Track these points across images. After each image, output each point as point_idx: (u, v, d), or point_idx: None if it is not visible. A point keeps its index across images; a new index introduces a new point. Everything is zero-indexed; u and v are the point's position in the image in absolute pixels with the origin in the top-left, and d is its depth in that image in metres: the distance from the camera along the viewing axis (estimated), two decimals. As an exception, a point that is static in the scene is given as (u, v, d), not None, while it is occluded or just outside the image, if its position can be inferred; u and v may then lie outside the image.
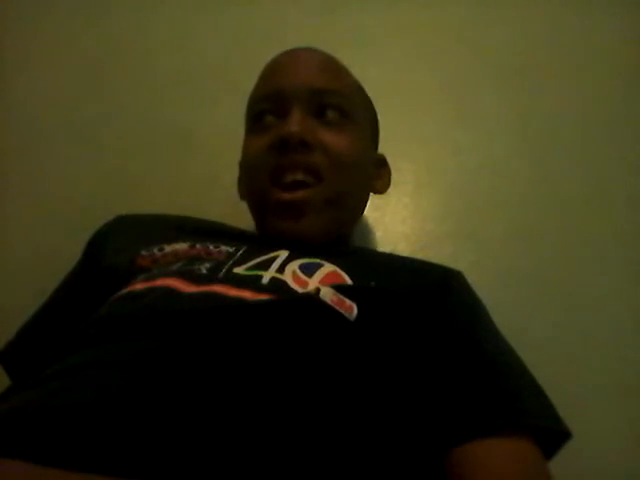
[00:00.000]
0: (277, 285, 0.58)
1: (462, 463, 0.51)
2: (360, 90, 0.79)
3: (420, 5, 1.08)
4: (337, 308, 0.53)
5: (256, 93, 0.74)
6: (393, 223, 0.94)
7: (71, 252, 0.75)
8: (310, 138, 0.66)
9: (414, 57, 1.06)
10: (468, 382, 0.55)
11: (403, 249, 0.91)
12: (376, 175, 0.79)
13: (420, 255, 0.76)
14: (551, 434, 0.54)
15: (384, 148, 0.86)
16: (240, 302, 0.54)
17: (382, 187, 0.81)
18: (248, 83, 0.76)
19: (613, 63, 1.02)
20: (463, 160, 0.98)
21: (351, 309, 0.54)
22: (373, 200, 0.94)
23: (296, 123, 0.66)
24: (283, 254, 0.63)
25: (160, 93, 1.04)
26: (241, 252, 0.65)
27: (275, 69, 0.73)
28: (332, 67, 0.74)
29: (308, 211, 0.66)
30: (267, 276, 0.59)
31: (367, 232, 0.94)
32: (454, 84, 1.03)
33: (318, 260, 0.62)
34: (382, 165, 0.82)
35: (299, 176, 0.66)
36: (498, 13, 1.07)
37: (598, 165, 0.95)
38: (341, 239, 0.74)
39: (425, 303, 0.60)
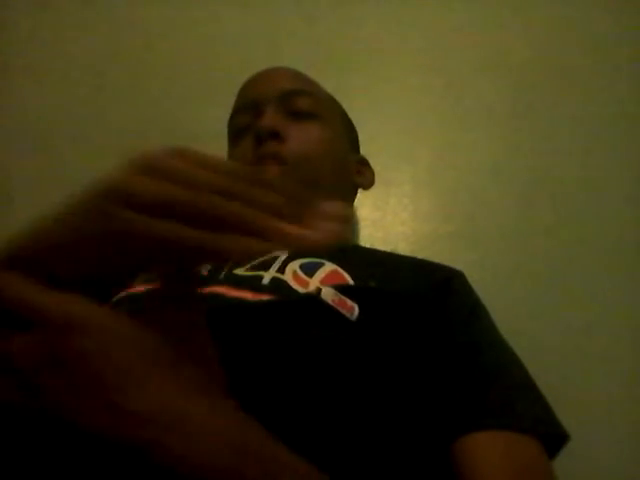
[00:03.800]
0: (278, 285, 0.58)
1: (461, 459, 0.51)
2: (332, 99, 0.82)
3: (420, 6, 1.08)
4: (338, 309, 0.53)
5: (234, 107, 0.79)
6: (393, 223, 0.94)
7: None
8: (281, 129, 0.70)
9: (414, 57, 1.06)
10: (467, 383, 0.55)
11: (403, 249, 0.91)
12: (356, 171, 0.82)
13: (420, 255, 0.76)
14: (548, 436, 0.53)
15: (385, 148, 0.87)
16: (241, 303, 0.55)
17: (364, 182, 0.84)
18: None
19: (614, 63, 1.02)
20: (463, 160, 0.98)
21: (352, 309, 0.54)
22: (373, 200, 0.95)
23: (267, 118, 0.70)
24: (283, 253, 0.63)
25: (160, 93, 1.04)
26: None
27: (248, 84, 0.79)
28: (301, 76, 0.79)
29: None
30: (267, 276, 0.59)
31: (367, 232, 0.94)
32: (454, 84, 1.03)
33: (319, 259, 0.62)
34: (363, 164, 0.85)
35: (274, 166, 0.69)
36: (498, 13, 1.07)
37: (598, 165, 0.95)
38: None
39: (426, 303, 0.60)
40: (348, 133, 0.82)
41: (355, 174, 0.82)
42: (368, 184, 0.84)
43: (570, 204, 0.93)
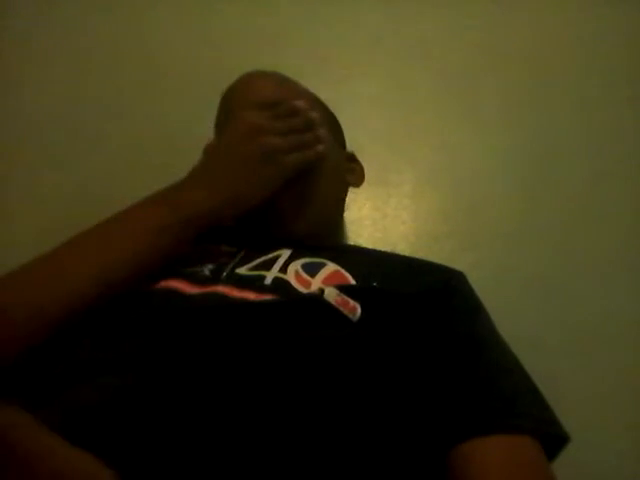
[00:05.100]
0: (280, 285, 0.58)
1: (461, 462, 0.51)
2: (316, 101, 0.80)
3: (420, 4, 1.08)
4: (341, 309, 0.53)
5: (218, 117, 0.78)
6: (393, 224, 0.94)
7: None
8: None
9: (414, 57, 1.06)
10: (467, 384, 0.55)
11: (403, 249, 0.91)
12: (347, 169, 0.81)
13: (420, 255, 0.76)
14: (549, 438, 0.53)
15: (385, 148, 0.86)
16: (244, 303, 0.55)
17: (356, 180, 0.83)
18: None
19: (614, 60, 1.02)
20: (463, 160, 0.98)
21: (354, 310, 0.54)
22: (373, 201, 0.95)
23: None
24: (285, 253, 0.64)
25: (162, 94, 1.04)
26: (243, 252, 0.65)
27: (228, 96, 0.77)
28: (279, 80, 0.77)
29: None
30: (270, 276, 0.60)
31: (367, 232, 0.94)
32: (454, 84, 1.03)
33: (321, 259, 0.62)
34: (352, 161, 0.84)
35: None
36: (499, 12, 1.07)
37: (599, 165, 0.96)
38: (325, 230, 0.75)
39: (427, 304, 0.60)
40: (335, 133, 0.80)
41: (346, 173, 0.81)
42: (360, 181, 0.83)
43: (570, 204, 0.94)
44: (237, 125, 0.66)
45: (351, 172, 0.82)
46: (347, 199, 0.84)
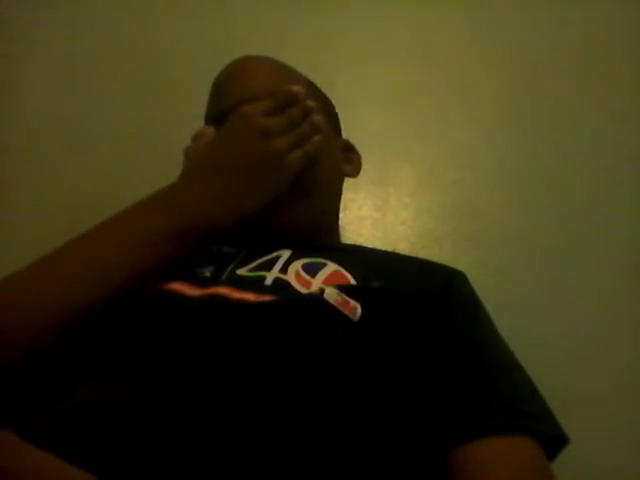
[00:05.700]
0: (280, 286, 0.58)
1: (461, 464, 0.51)
2: (310, 85, 0.77)
3: (422, 4, 1.08)
4: (341, 309, 0.53)
5: (207, 113, 0.76)
6: (393, 223, 0.94)
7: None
8: None
9: (415, 56, 1.06)
10: (467, 385, 0.55)
11: (403, 249, 0.91)
12: (344, 159, 0.79)
13: (420, 255, 0.76)
14: (548, 438, 0.53)
15: (385, 147, 0.86)
16: (244, 304, 0.55)
17: (352, 170, 0.80)
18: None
19: (616, 62, 1.02)
20: (463, 160, 0.98)
21: (355, 310, 0.54)
22: (373, 200, 0.95)
23: None
24: (285, 253, 0.64)
25: (162, 94, 1.04)
26: (243, 253, 0.65)
27: (220, 86, 0.75)
28: (275, 67, 0.75)
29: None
30: (270, 277, 0.59)
31: (367, 232, 0.94)
32: (455, 84, 1.03)
33: (321, 259, 0.62)
34: (349, 149, 0.81)
35: None
36: (499, 12, 1.07)
37: (600, 164, 0.96)
38: (324, 224, 0.74)
39: (427, 304, 0.60)
40: (331, 120, 0.77)
41: (343, 163, 0.78)
42: (357, 171, 0.80)
43: (571, 204, 0.94)
44: (239, 125, 0.63)
45: (348, 162, 0.79)
46: (347, 198, 0.84)
